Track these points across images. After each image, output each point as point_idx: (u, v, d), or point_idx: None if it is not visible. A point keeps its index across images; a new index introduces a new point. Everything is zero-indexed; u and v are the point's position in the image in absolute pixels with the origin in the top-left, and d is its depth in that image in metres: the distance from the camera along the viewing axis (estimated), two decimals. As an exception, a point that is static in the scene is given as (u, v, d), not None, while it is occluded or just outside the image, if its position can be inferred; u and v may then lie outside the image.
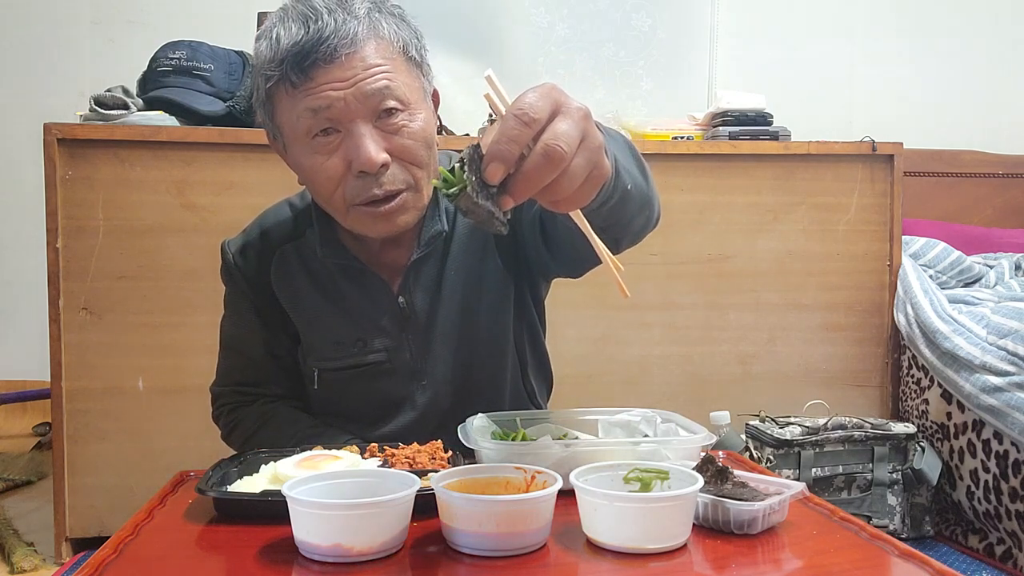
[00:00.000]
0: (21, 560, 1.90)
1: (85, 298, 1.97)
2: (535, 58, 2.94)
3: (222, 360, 1.30)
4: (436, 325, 1.18)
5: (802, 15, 3.13)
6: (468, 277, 1.19)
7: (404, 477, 0.80)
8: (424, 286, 1.18)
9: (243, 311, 1.25)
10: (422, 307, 1.18)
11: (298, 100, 1.02)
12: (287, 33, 1.00)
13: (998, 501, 1.89)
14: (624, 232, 0.97)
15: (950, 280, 2.36)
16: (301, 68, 1.00)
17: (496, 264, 1.20)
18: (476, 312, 1.19)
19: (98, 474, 1.98)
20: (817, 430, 1.98)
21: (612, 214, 0.89)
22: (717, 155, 2.20)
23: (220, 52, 2.18)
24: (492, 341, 1.21)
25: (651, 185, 0.98)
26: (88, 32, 2.92)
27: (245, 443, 1.23)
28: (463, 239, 1.20)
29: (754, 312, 2.23)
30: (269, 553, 0.78)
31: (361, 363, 1.18)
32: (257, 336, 1.24)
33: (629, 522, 0.76)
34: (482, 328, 1.20)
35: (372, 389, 1.19)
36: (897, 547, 0.79)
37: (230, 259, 1.24)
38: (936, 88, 3.19)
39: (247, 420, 1.24)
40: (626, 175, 0.88)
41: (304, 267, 1.19)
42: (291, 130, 1.05)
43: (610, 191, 0.83)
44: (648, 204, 0.97)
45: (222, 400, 1.29)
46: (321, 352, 1.19)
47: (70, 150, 1.95)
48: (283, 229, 1.22)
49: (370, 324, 1.18)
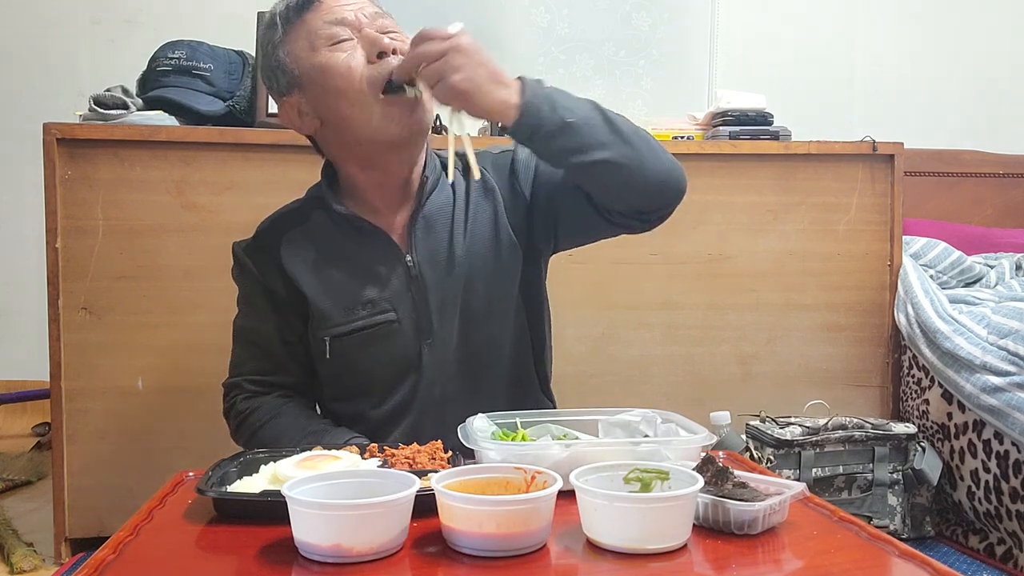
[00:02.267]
0: (21, 560, 1.89)
1: (85, 298, 1.96)
2: (535, 58, 2.94)
3: (235, 354, 1.33)
4: (442, 284, 1.24)
5: (802, 15, 3.13)
6: (475, 240, 1.26)
7: (404, 477, 0.80)
8: (431, 246, 1.25)
9: (255, 300, 1.29)
10: (428, 265, 1.24)
11: (316, 18, 1.17)
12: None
13: (999, 501, 1.89)
14: (605, 185, 1.14)
15: (951, 280, 2.36)
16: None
17: (507, 232, 1.27)
18: (482, 275, 1.25)
19: (98, 474, 1.98)
20: (817, 430, 1.98)
21: (554, 146, 1.08)
22: (717, 155, 2.20)
23: (220, 52, 2.17)
24: (496, 303, 1.27)
25: (640, 151, 1.11)
26: (88, 32, 2.92)
27: (256, 432, 1.25)
28: (472, 204, 1.28)
29: (754, 312, 2.23)
30: (269, 553, 0.78)
31: (371, 324, 1.23)
32: (270, 323, 1.28)
33: (629, 522, 0.76)
34: (487, 290, 1.26)
35: (382, 351, 1.23)
36: (897, 547, 0.79)
37: (241, 254, 1.30)
38: (936, 88, 3.18)
39: (261, 410, 1.26)
40: (565, 111, 1.07)
41: (313, 243, 1.26)
42: (309, 53, 1.17)
43: (534, 117, 1.05)
44: (636, 163, 1.11)
45: (236, 391, 1.31)
46: (333, 318, 1.23)
47: (69, 150, 1.95)
48: (290, 218, 1.30)
49: (379, 284, 1.23)
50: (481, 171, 1.25)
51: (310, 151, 1.34)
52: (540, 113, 1.06)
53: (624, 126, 1.12)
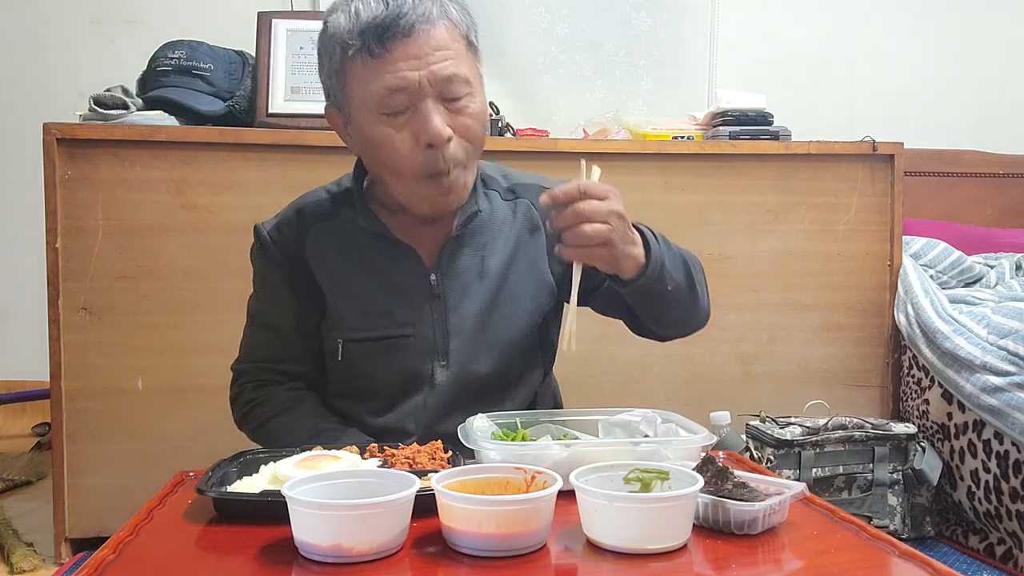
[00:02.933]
0: (20, 560, 1.89)
1: (85, 298, 1.96)
2: (535, 57, 2.93)
3: (248, 337, 1.31)
4: (464, 308, 1.22)
5: (802, 15, 3.12)
6: (511, 274, 1.24)
7: (404, 477, 0.80)
8: (459, 269, 1.22)
9: (275, 284, 1.26)
10: (453, 288, 1.22)
11: (375, 74, 1.09)
12: (366, 7, 1.08)
13: (999, 501, 1.89)
14: (657, 318, 1.21)
15: (951, 280, 2.36)
16: (380, 40, 1.07)
17: (546, 275, 1.26)
18: (510, 309, 1.24)
19: (97, 474, 1.98)
20: (817, 430, 1.98)
21: (650, 298, 1.12)
22: (717, 155, 2.20)
23: (220, 52, 2.18)
24: (521, 339, 1.25)
25: (698, 297, 1.21)
26: (88, 32, 2.92)
27: (263, 424, 1.24)
28: (514, 238, 1.26)
29: (754, 312, 2.23)
30: (269, 553, 0.78)
31: (385, 335, 1.21)
32: (287, 309, 1.25)
33: (629, 522, 0.76)
34: (513, 325, 1.24)
35: (393, 363, 1.22)
36: (897, 547, 0.79)
37: (265, 235, 1.26)
38: (936, 88, 3.18)
39: (271, 401, 1.25)
40: (669, 280, 1.12)
41: (338, 242, 1.23)
42: (362, 101, 1.11)
43: (649, 281, 1.08)
44: (688, 308, 1.21)
45: (246, 377, 1.29)
46: (348, 322, 1.22)
47: (69, 150, 1.95)
48: (319, 208, 1.26)
49: (399, 296, 1.21)
50: (528, 206, 1.27)
51: (310, 151, 1.34)
52: (651, 277, 1.09)
53: (699, 286, 1.21)
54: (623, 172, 2.14)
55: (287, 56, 2.18)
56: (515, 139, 2.19)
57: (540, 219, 1.27)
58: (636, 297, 1.12)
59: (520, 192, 1.29)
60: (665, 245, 1.13)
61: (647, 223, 1.14)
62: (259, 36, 2.20)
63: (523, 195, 1.28)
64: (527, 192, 1.28)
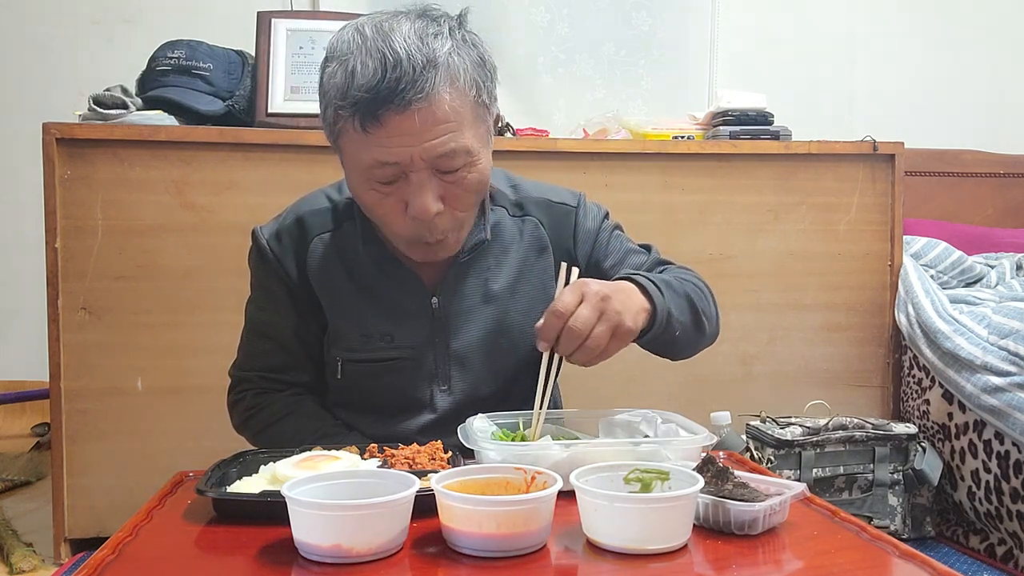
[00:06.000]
0: (20, 561, 1.89)
1: (84, 298, 1.96)
2: (535, 57, 2.93)
3: (247, 344, 1.28)
4: (466, 334, 1.20)
5: (802, 15, 3.12)
6: (513, 296, 1.22)
7: (404, 477, 0.80)
8: (462, 293, 1.20)
9: (275, 294, 1.23)
10: (455, 313, 1.19)
11: (366, 144, 1.02)
12: (363, 70, 0.99)
13: (999, 502, 1.89)
14: (672, 356, 1.25)
15: (951, 280, 2.36)
16: (374, 115, 1.00)
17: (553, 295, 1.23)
18: (516, 334, 1.21)
19: (97, 474, 1.98)
20: (818, 430, 1.98)
21: (660, 345, 1.17)
22: (718, 155, 2.19)
23: (219, 51, 2.17)
24: (522, 364, 1.21)
25: (705, 329, 1.22)
26: (87, 32, 2.92)
27: (265, 429, 1.22)
28: (520, 262, 1.22)
29: (754, 312, 2.23)
30: (269, 554, 0.77)
31: (385, 357, 1.19)
32: (288, 320, 1.22)
33: (629, 523, 0.76)
34: (515, 349, 1.21)
35: (393, 386, 1.20)
36: (898, 548, 0.78)
37: (264, 243, 1.22)
38: (936, 88, 3.18)
39: (274, 406, 1.23)
40: (677, 324, 1.13)
41: (340, 257, 1.20)
42: (353, 163, 1.07)
43: (657, 332, 1.11)
44: (697, 341, 1.23)
45: (246, 384, 1.27)
46: (348, 342, 1.20)
47: (69, 150, 1.95)
48: (320, 219, 1.22)
49: (400, 319, 1.19)
50: (536, 225, 1.24)
51: (310, 151, 1.33)
52: (660, 326, 1.10)
53: (706, 318, 1.21)
54: (623, 172, 2.14)
55: (287, 56, 2.18)
56: (515, 139, 2.19)
57: (548, 238, 1.24)
58: (647, 346, 1.16)
59: (528, 209, 1.25)
60: (669, 292, 1.13)
61: (647, 223, 1.15)
62: (259, 36, 2.20)
63: (531, 212, 1.25)
64: (535, 209, 1.25)
